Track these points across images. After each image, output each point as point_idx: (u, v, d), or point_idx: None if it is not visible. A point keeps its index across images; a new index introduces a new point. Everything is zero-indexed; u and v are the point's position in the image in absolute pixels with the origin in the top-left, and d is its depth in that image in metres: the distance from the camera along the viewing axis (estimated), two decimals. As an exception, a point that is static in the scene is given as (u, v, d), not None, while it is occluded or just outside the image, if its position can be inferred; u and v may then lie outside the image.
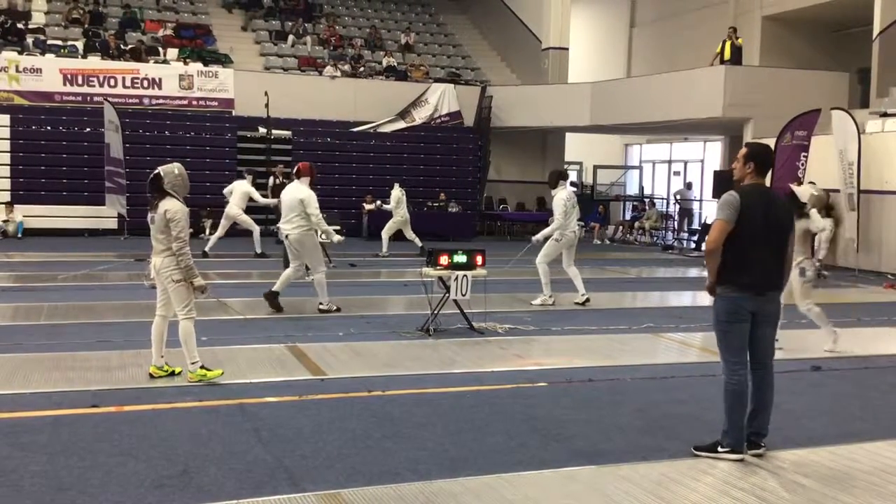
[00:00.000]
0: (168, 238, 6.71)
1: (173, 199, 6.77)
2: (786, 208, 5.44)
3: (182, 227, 6.69)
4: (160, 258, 6.79)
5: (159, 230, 6.75)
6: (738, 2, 23.22)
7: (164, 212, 6.70)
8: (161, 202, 6.76)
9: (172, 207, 6.71)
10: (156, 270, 6.87)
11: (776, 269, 5.33)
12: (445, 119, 23.80)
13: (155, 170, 6.92)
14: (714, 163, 26.16)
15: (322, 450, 5.34)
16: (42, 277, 12.95)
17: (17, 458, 5.06)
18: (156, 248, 6.84)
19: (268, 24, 25.96)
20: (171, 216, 6.67)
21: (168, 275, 6.76)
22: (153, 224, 6.81)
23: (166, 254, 6.75)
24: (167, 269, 6.75)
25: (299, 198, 10.08)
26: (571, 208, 11.35)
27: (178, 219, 6.67)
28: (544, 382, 7.23)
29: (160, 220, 6.72)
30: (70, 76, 20.77)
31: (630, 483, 4.89)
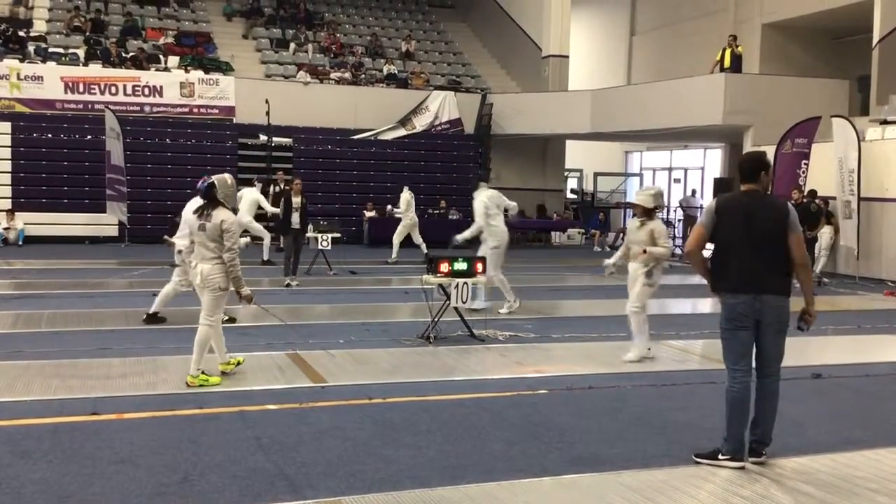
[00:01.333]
0: (219, 247, 6.89)
1: (227, 210, 6.99)
2: (773, 213, 5.34)
3: (236, 238, 6.92)
4: (209, 265, 6.95)
5: (211, 238, 6.90)
6: (739, 10, 23.27)
7: (220, 221, 6.88)
8: (215, 211, 6.93)
9: (229, 218, 6.93)
10: (202, 277, 6.98)
11: (764, 273, 5.30)
12: (446, 126, 23.84)
13: (208, 179, 7.10)
14: (714, 170, 26.20)
15: (322, 457, 5.34)
16: (43, 285, 12.97)
17: (17, 465, 5.06)
18: (204, 255, 6.98)
19: (268, 31, 26.03)
20: (227, 227, 6.87)
21: (215, 282, 6.94)
22: (204, 232, 6.93)
23: (215, 261, 6.92)
24: (214, 276, 6.93)
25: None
26: (495, 208, 11.10)
27: (234, 230, 6.90)
28: (545, 390, 7.23)
29: (214, 229, 6.88)
30: (71, 84, 20.82)
31: (631, 490, 4.89)
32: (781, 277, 5.36)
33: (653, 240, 8.29)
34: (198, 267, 7.04)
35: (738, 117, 19.38)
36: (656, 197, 8.54)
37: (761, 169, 5.47)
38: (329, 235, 15.25)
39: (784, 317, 5.41)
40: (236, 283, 6.96)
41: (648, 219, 8.36)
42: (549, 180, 26.53)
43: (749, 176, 5.46)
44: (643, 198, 8.46)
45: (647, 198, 8.46)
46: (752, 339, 5.37)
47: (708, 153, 27.61)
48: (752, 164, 5.51)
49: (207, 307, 7.03)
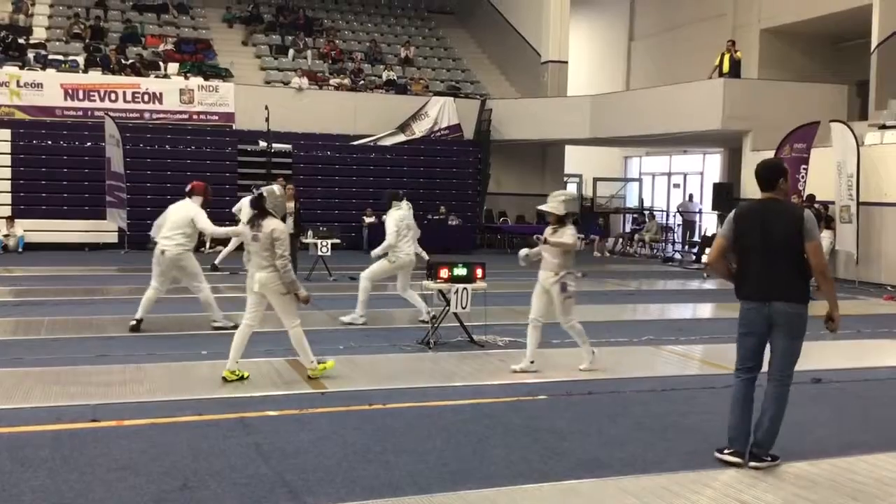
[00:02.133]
0: (272, 255, 7.18)
1: (276, 220, 7.31)
2: (788, 220, 5.36)
3: (286, 246, 7.23)
4: (265, 273, 7.25)
5: (264, 248, 7.22)
6: (737, 15, 23.32)
7: (270, 231, 7.19)
8: (265, 221, 7.27)
9: (279, 227, 7.26)
10: (261, 284, 7.26)
11: (776, 281, 5.35)
12: (445, 132, 23.86)
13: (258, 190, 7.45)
14: (714, 175, 26.22)
15: (322, 463, 5.34)
16: (43, 292, 12.97)
17: (17, 472, 5.06)
18: (259, 263, 7.29)
19: (268, 38, 26.07)
20: (277, 236, 7.18)
21: (275, 288, 7.24)
22: (257, 242, 7.25)
23: (271, 269, 7.23)
24: (274, 283, 7.24)
25: (190, 215, 9.70)
26: (405, 229, 10.51)
27: (283, 238, 7.21)
28: (544, 395, 7.23)
29: (266, 238, 7.19)
30: (71, 91, 20.84)
31: (631, 496, 4.89)
32: (795, 285, 5.35)
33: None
34: (255, 275, 7.32)
35: (736, 122, 19.41)
36: (568, 203, 8.11)
37: (779, 176, 5.51)
38: (328, 241, 15.26)
39: (796, 323, 5.39)
40: (291, 287, 7.27)
41: (561, 226, 8.02)
42: (549, 186, 26.35)
43: (766, 184, 5.51)
44: (554, 205, 8.03)
45: (557, 204, 8.04)
46: (760, 345, 5.48)
47: (707, 158, 27.64)
48: (768, 173, 5.54)
49: (284, 313, 7.37)
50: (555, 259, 7.95)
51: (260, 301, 7.45)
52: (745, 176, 20.01)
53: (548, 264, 8.05)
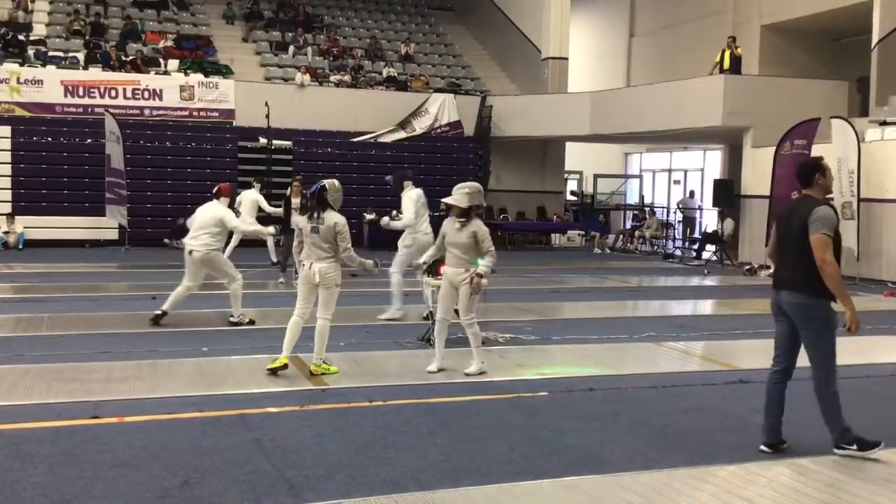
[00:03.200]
0: (333, 247, 7.42)
1: (337, 213, 7.51)
2: (802, 213, 5.51)
3: (348, 238, 7.50)
4: (324, 264, 7.45)
5: (325, 240, 7.42)
6: (738, 11, 23.29)
7: (333, 224, 7.40)
8: (326, 214, 7.44)
9: (341, 220, 7.47)
10: (320, 275, 7.43)
11: (784, 271, 5.65)
12: (445, 129, 23.85)
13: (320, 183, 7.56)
14: (714, 171, 26.21)
15: (323, 460, 5.34)
16: (44, 288, 12.98)
17: (18, 469, 5.06)
18: (319, 255, 7.46)
19: (268, 35, 26.05)
20: (340, 229, 7.42)
21: (331, 279, 7.47)
22: (317, 234, 7.43)
23: (330, 261, 7.46)
24: (330, 273, 7.46)
25: (219, 215, 9.82)
26: (423, 208, 10.43)
27: (346, 232, 7.47)
28: (545, 392, 7.23)
29: (328, 231, 7.39)
30: (71, 87, 20.83)
31: (631, 492, 4.89)
32: (799, 275, 5.49)
33: (477, 243, 7.60)
34: (314, 266, 7.45)
35: (737, 119, 19.39)
36: (472, 195, 7.76)
37: (814, 172, 5.67)
38: None
39: (801, 313, 5.52)
40: (361, 265, 7.76)
41: (468, 220, 7.64)
42: (549, 182, 26.54)
43: (804, 181, 5.73)
44: (458, 197, 7.74)
45: (461, 197, 7.73)
46: (783, 336, 5.70)
47: (708, 155, 27.63)
48: (805, 170, 5.74)
49: (326, 302, 7.51)
50: (464, 255, 7.60)
51: (312, 292, 7.58)
52: (746, 172, 20.02)
53: (456, 260, 7.68)
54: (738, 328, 10.76)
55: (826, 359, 5.54)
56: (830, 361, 5.56)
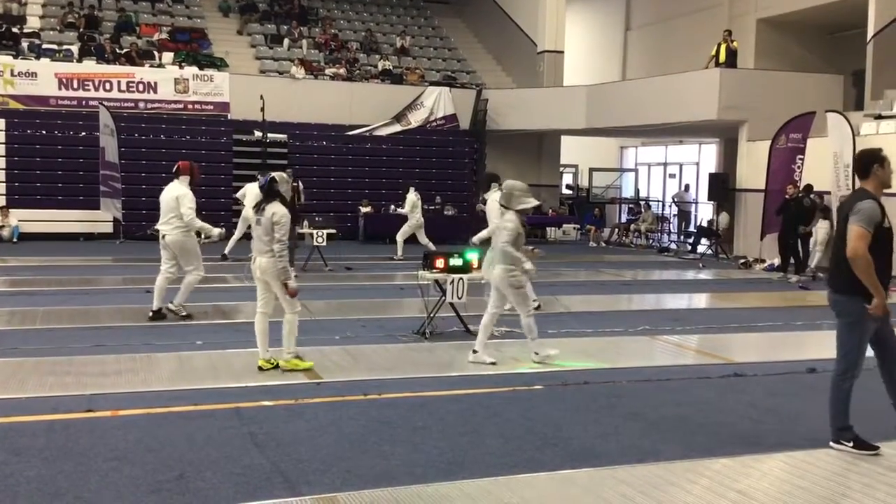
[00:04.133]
0: (273, 240, 7.14)
1: (281, 205, 7.22)
2: (846, 210, 5.50)
3: (285, 231, 7.15)
4: (265, 258, 7.24)
5: (266, 232, 7.20)
6: (733, 5, 23.26)
7: (271, 215, 7.15)
8: (269, 206, 7.23)
9: (280, 211, 7.18)
10: (262, 270, 7.26)
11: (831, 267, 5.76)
12: (441, 122, 23.81)
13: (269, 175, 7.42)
14: (709, 165, 26.21)
15: (318, 453, 5.34)
16: (38, 282, 12.95)
17: (12, 462, 5.05)
18: (261, 248, 7.28)
19: (263, 27, 25.97)
20: (278, 220, 7.13)
21: (277, 273, 7.22)
22: (259, 226, 7.26)
23: (270, 254, 7.21)
24: (274, 268, 7.21)
25: (175, 195, 9.73)
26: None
27: (284, 223, 7.14)
28: (540, 385, 7.24)
29: (267, 222, 7.17)
30: (65, 80, 20.75)
31: (626, 485, 4.90)
32: (837, 272, 5.56)
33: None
34: (257, 260, 7.33)
35: (732, 112, 19.39)
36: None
37: (872, 163, 5.59)
38: (324, 231, 15.24)
39: (838, 309, 5.61)
40: (282, 274, 7.23)
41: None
42: (545, 176, 26.53)
43: (861, 172, 5.64)
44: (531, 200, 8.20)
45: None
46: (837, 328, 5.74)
47: (703, 148, 27.62)
48: (862, 161, 5.66)
49: (283, 298, 7.34)
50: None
51: (267, 287, 7.44)
52: (741, 166, 20.04)
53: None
54: (733, 322, 10.78)
55: (848, 353, 5.56)
56: (851, 357, 5.55)
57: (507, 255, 7.75)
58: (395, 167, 22.60)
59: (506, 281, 7.80)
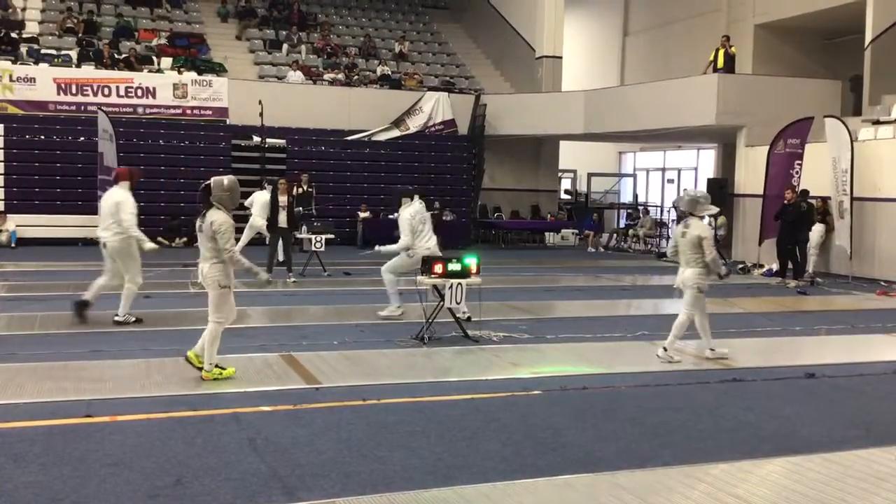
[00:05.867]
0: (215, 247, 7.11)
1: (220, 212, 7.15)
2: None
3: (227, 238, 7.09)
4: (207, 265, 7.21)
5: (208, 239, 7.15)
6: (731, 10, 23.32)
7: (210, 223, 7.09)
8: (208, 213, 7.15)
9: (219, 219, 7.09)
10: (203, 276, 7.25)
11: None
12: (439, 127, 23.83)
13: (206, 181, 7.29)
14: (708, 170, 26.24)
15: (316, 459, 5.34)
16: (36, 287, 12.93)
17: (10, 468, 5.04)
18: (203, 255, 7.25)
19: (262, 33, 26.00)
20: (217, 228, 7.06)
21: (215, 280, 7.18)
22: (201, 233, 7.22)
23: (213, 261, 7.17)
24: (213, 274, 7.18)
25: (115, 201, 9.82)
26: (420, 224, 10.34)
27: (224, 231, 7.06)
28: (539, 390, 7.23)
29: (208, 230, 7.12)
30: (64, 85, 20.75)
31: (625, 491, 4.89)
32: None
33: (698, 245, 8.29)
34: (199, 267, 7.29)
35: (731, 118, 19.42)
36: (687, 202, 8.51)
37: None
38: (323, 236, 15.23)
39: None
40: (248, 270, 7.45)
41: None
42: (543, 181, 26.56)
43: None
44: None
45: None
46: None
47: (701, 154, 27.66)
48: None
49: (212, 305, 7.25)
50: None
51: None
52: (739, 171, 20.06)
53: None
54: (731, 327, 10.77)
55: None
56: None
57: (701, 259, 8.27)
58: (394, 172, 22.63)
59: (693, 282, 8.24)
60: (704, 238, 8.20)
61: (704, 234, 8.20)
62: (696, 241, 8.24)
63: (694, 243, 8.25)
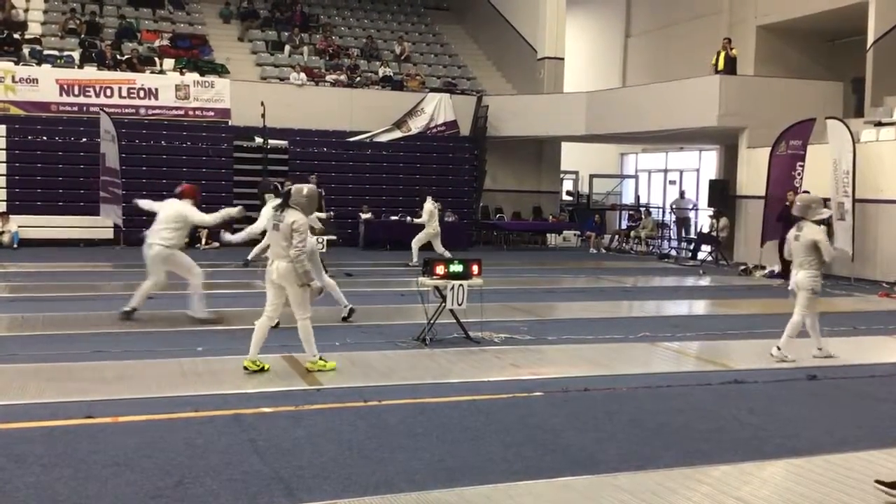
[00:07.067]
0: (289, 245, 7.41)
1: (299, 213, 7.54)
2: None
3: (303, 237, 7.43)
4: (284, 263, 7.49)
5: (284, 238, 7.45)
6: (733, 11, 23.31)
7: (290, 222, 7.44)
8: (287, 213, 7.52)
9: (299, 219, 7.48)
10: (279, 274, 7.50)
11: None
12: (441, 128, 23.83)
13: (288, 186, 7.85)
14: (710, 172, 26.22)
15: (318, 460, 5.34)
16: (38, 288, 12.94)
17: (11, 469, 5.04)
18: (279, 253, 7.53)
19: (264, 34, 26.00)
20: (297, 227, 7.41)
21: (294, 279, 7.47)
22: (277, 231, 7.52)
23: (289, 260, 7.44)
24: (292, 273, 7.46)
25: (179, 211, 10.13)
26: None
27: (302, 231, 7.43)
28: (540, 392, 7.22)
29: (286, 228, 7.44)
30: (66, 86, 20.77)
31: (626, 492, 4.89)
32: None
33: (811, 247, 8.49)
34: (275, 265, 7.55)
35: (732, 119, 19.41)
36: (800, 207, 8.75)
37: None
38: (324, 237, 15.21)
39: None
40: (304, 278, 7.51)
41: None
42: (545, 182, 26.55)
43: None
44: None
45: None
46: None
47: (703, 155, 27.64)
48: None
49: (295, 304, 7.57)
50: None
51: (279, 292, 7.64)
52: (741, 172, 20.05)
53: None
54: (733, 328, 10.78)
55: None
56: None
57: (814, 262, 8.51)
58: (396, 173, 22.65)
59: (808, 284, 8.46)
60: (820, 241, 8.36)
61: (819, 238, 8.37)
62: (810, 245, 8.40)
63: (808, 246, 8.41)
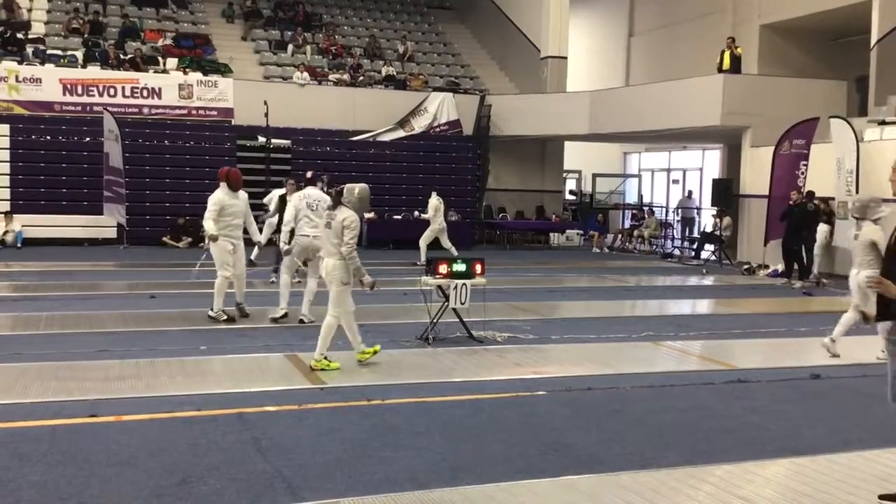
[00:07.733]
0: (340, 243, 7.55)
1: (350, 210, 7.66)
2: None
3: (354, 235, 7.55)
4: (332, 260, 7.67)
5: (336, 235, 7.60)
6: (737, 10, 23.28)
7: (342, 220, 7.57)
8: (338, 211, 7.66)
9: (350, 216, 7.61)
10: (327, 271, 7.71)
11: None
12: (444, 128, 23.83)
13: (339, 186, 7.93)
14: (713, 171, 26.20)
15: (321, 459, 5.34)
16: (42, 287, 12.97)
17: (15, 467, 5.06)
18: (329, 251, 7.73)
19: (267, 33, 26.02)
20: (348, 224, 7.55)
21: (338, 276, 7.63)
22: (329, 229, 7.69)
23: (338, 257, 7.61)
24: (338, 270, 7.62)
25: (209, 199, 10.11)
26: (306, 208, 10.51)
27: (353, 228, 7.54)
28: (543, 391, 7.22)
29: (338, 226, 7.58)
30: (70, 86, 20.80)
31: (629, 491, 4.89)
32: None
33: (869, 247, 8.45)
34: (325, 261, 7.75)
35: (736, 118, 19.39)
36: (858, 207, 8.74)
37: None
38: None
39: None
40: (357, 273, 7.66)
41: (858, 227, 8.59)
42: (548, 181, 26.54)
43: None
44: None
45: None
46: None
47: (706, 154, 27.62)
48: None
49: (333, 300, 7.69)
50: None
51: None
52: (745, 172, 20.03)
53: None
54: (736, 328, 10.77)
55: None
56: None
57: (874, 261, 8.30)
58: (399, 173, 22.64)
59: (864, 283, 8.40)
60: (878, 240, 8.29)
61: (877, 237, 8.28)
62: (868, 244, 8.38)
63: (867, 246, 8.41)
